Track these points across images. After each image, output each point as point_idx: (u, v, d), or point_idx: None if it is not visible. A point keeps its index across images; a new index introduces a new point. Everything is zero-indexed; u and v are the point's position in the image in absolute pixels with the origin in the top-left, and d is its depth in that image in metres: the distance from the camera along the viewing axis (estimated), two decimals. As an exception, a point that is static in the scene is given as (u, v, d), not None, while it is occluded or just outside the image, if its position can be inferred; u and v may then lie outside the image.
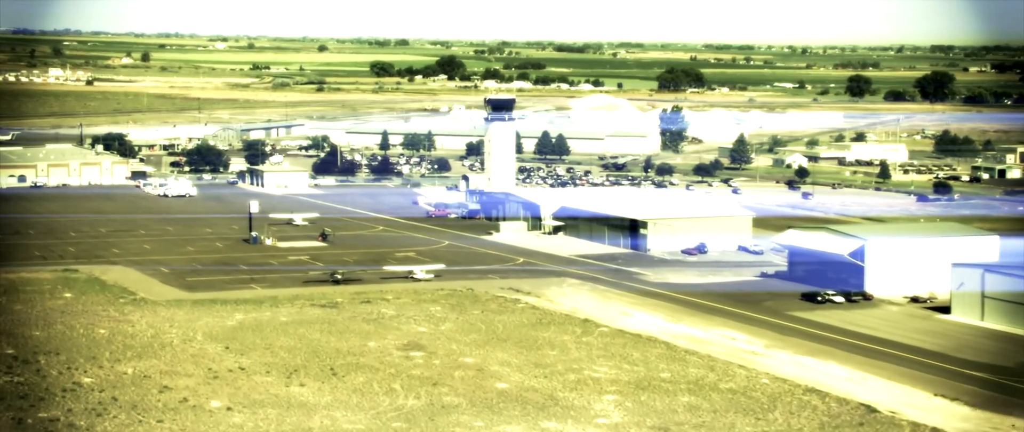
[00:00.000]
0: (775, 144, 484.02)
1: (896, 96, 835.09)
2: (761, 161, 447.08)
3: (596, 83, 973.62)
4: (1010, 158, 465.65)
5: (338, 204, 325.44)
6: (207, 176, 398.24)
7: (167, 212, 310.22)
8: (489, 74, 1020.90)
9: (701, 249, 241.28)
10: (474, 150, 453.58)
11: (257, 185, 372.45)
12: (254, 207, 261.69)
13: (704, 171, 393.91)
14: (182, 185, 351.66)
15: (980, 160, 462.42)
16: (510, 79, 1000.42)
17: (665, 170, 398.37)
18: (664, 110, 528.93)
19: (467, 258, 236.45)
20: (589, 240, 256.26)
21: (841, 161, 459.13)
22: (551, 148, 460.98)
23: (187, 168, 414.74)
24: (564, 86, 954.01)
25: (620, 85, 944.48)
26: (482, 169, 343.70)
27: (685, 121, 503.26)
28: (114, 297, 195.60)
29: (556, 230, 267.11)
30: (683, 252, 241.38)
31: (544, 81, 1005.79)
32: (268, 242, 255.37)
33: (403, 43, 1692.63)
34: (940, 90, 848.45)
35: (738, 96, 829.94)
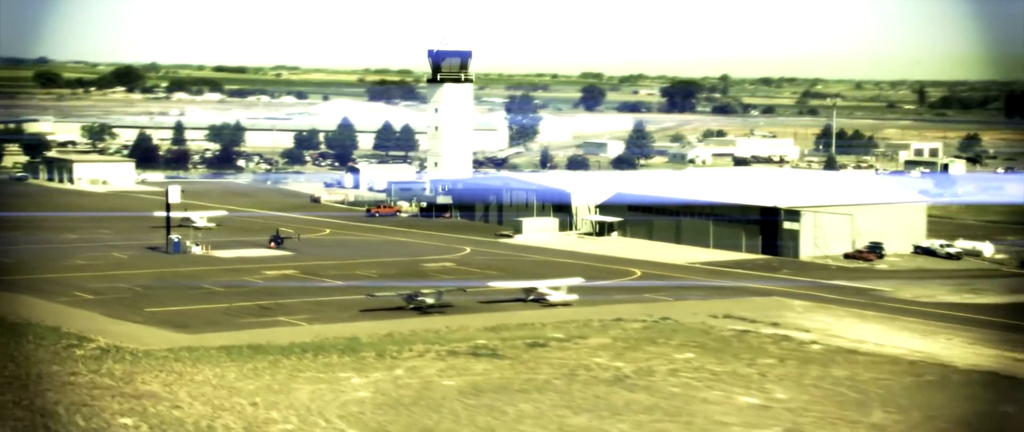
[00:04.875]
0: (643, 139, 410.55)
1: (631, 107, 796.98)
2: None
3: (300, 96, 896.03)
4: (903, 154, 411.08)
5: (208, 203, 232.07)
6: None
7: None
8: (175, 86, 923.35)
9: (877, 251, 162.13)
10: (305, 143, 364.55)
11: (61, 180, 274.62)
12: (174, 195, 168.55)
13: (627, 165, 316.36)
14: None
15: (872, 158, 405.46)
16: (200, 92, 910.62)
17: (579, 164, 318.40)
18: (511, 98, 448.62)
19: (534, 270, 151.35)
20: (673, 241, 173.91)
21: (734, 158, 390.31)
22: (395, 142, 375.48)
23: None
24: (264, 98, 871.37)
25: (326, 97, 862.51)
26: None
27: (540, 116, 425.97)
28: (60, 347, 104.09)
29: (607, 228, 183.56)
30: (846, 256, 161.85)
31: (240, 94, 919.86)
32: (197, 250, 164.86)
33: (42, 61, 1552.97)
34: (687, 99, 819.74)
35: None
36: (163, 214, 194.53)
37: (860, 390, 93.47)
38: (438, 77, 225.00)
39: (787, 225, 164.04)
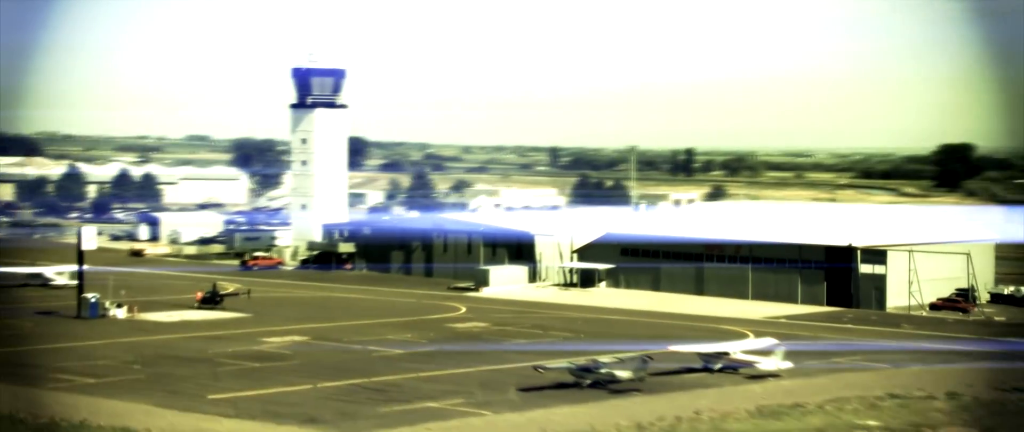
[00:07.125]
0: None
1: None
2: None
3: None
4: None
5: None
6: None
7: None
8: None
9: (971, 299, 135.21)
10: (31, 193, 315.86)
11: None
12: (89, 239, 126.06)
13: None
14: None
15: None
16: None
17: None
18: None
19: (596, 331, 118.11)
20: (693, 292, 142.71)
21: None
22: (136, 193, 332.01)
23: None
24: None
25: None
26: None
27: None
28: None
29: (591, 278, 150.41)
30: (932, 307, 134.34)
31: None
32: (118, 314, 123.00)
33: None
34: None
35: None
36: (26, 269, 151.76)
37: None
38: (308, 101, 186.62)
39: (865, 269, 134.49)
